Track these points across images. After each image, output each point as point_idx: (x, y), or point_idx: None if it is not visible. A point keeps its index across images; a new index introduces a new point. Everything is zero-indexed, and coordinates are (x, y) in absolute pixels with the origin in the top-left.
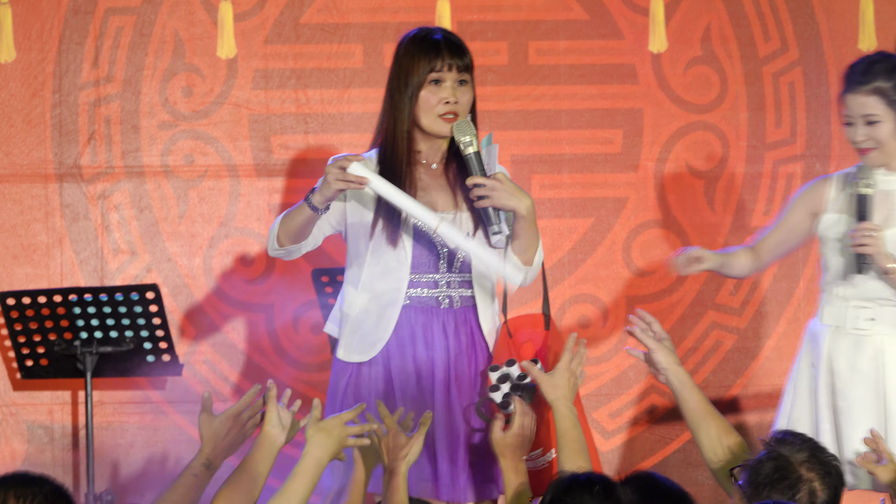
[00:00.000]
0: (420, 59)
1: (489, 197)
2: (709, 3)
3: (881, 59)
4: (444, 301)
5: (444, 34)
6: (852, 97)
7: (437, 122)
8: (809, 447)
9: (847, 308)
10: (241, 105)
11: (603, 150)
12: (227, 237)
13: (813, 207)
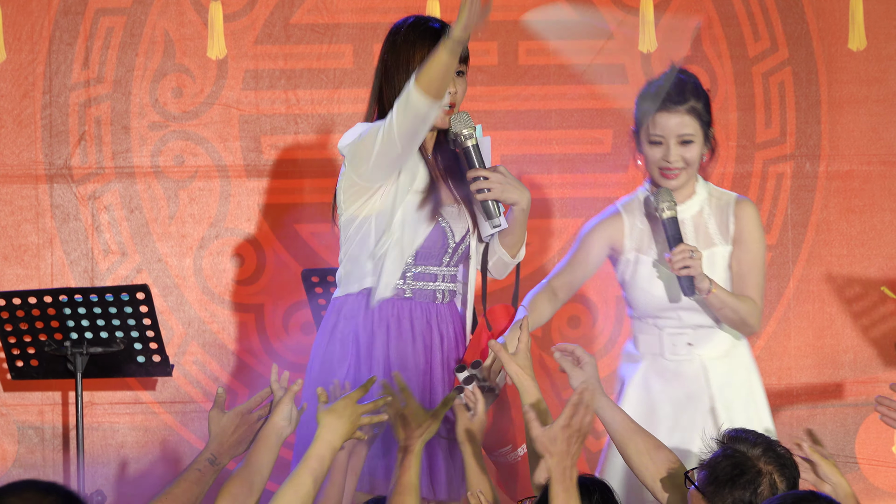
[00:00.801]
0: (423, 46)
1: (492, 190)
2: (698, 2)
3: (686, 77)
4: (440, 296)
5: (443, 24)
6: (667, 116)
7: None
8: (764, 441)
9: (662, 336)
10: (231, 105)
11: (592, 150)
12: (217, 238)
13: (610, 243)
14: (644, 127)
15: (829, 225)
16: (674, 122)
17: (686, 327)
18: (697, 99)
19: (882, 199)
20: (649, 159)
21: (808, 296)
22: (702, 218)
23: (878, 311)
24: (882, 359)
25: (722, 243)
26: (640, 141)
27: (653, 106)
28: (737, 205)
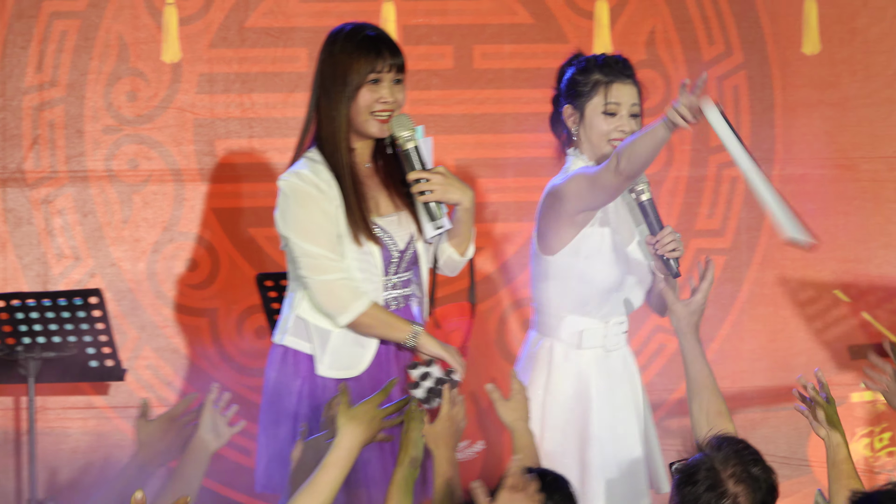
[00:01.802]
0: (359, 58)
1: (433, 191)
2: (653, 6)
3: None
4: (392, 304)
5: (378, 31)
6: (622, 87)
7: (371, 122)
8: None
9: (608, 326)
10: (185, 109)
11: (547, 154)
12: (171, 242)
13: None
14: (595, 97)
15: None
16: (629, 93)
17: (625, 314)
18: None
19: (835, 202)
20: (598, 131)
21: (762, 299)
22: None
23: (832, 314)
24: (835, 362)
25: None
26: (586, 113)
27: (608, 76)
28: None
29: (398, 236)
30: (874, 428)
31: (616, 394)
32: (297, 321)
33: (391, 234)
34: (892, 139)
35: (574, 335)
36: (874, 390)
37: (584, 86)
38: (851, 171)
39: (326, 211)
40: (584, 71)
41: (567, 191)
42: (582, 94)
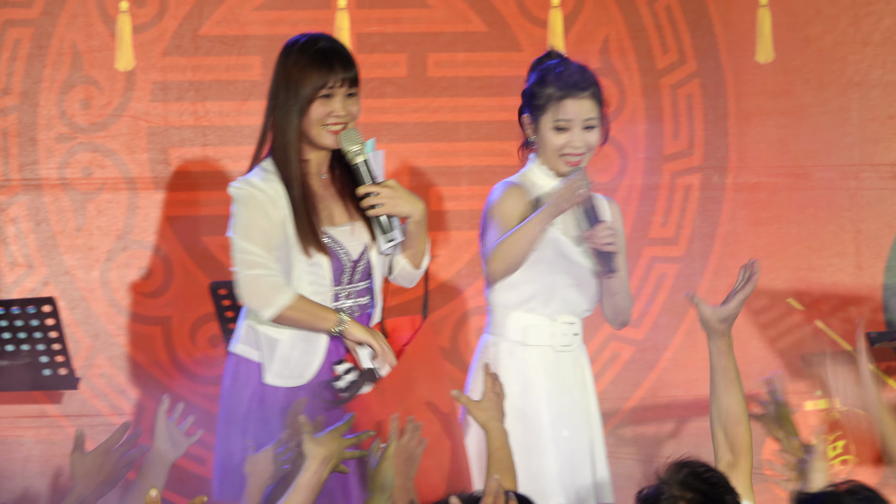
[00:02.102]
0: (311, 72)
1: (383, 205)
2: (607, 14)
3: (584, 65)
4: (346, 313)
5: (332, 44)
6: (575, 102)
7: (323, 134)
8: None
9: (555, 325)
10: (139, 117)
11: (501, 162)
12: (124, 250)
13: (523, 215)
14: (547, 113)
15: (737, 237)
16: (583, 108)
17: (576, 314)
18: (596, 84)
19: (789, 211)
20: (550, 145)
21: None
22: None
23: (785, 322)
24: (789, 370)
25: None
26: (540, 127)
27: (560, 91)
28: (609, 202)
29: (350, 246)
30: (828, 436)
31: (563, 395)
32: (248, 330)
33: (343, 243)
34: (846, 148)
35: (519, 332)
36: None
37: (539, 99)
38: (805, 179)
39: (270, 216)
40: (541, 82)
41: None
42: (537, 106)
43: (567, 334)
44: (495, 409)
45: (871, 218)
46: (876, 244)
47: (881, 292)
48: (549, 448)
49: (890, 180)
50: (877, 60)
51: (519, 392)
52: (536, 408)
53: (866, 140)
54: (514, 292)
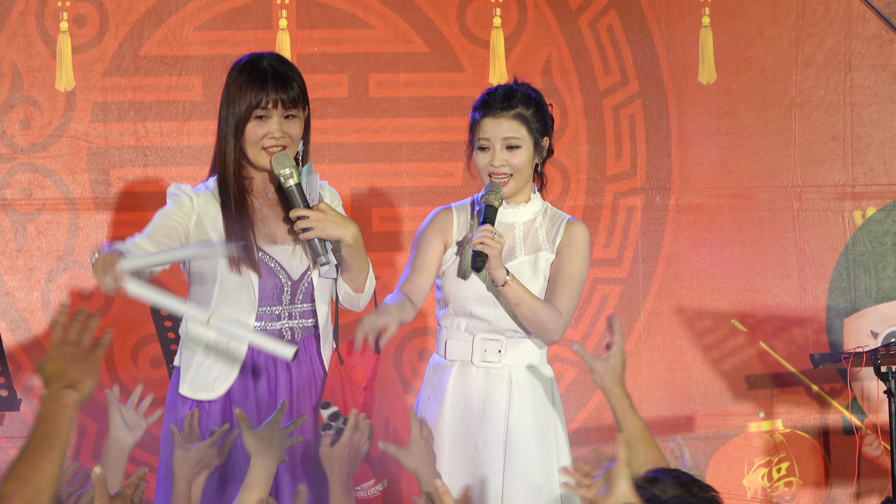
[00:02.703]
0: (246, 92)
1: (313, 228)
2: (549, 35)
3: (518, 87)
4: (287, 333)
5: (273, 64)
6: (493, 121)
7: (262, 156)
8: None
9: (474, 341)
10: (79, 138)
11: (443, 183)
12: (65, 271)
13: (443, 238)
14: (474, 134)
15: (680, 258)
16: (499, 128)
17: (499, 333)
18: (527, 106)
19: (732, 231)
20: (479, 165)
21: (659, 329)
22: (533, 226)
23: (729, 343)
24: (732, 392)
25: (547, 249)
26: (473, 149)
27: (480, 112)
28: (568, 223)
29: (291, 266)
30: (772, 458)
31: (474, 410)
32: (181, 342)
33: (283, 263)
34: (789, 169)
35: (442, 346)
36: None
37: (472, 124)
38: (748, 200)
39: (179, 216)
40: (474, 109)
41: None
42: (471, 131)
43: (489, 351)
44: (424, 454)
45: (814, 239)
46: (819, 265)
47: (825, 313)
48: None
49: (833, 201)
50: (819, 81)
51: (430, 403)
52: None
53: (809, 161)
54: (440, 310)
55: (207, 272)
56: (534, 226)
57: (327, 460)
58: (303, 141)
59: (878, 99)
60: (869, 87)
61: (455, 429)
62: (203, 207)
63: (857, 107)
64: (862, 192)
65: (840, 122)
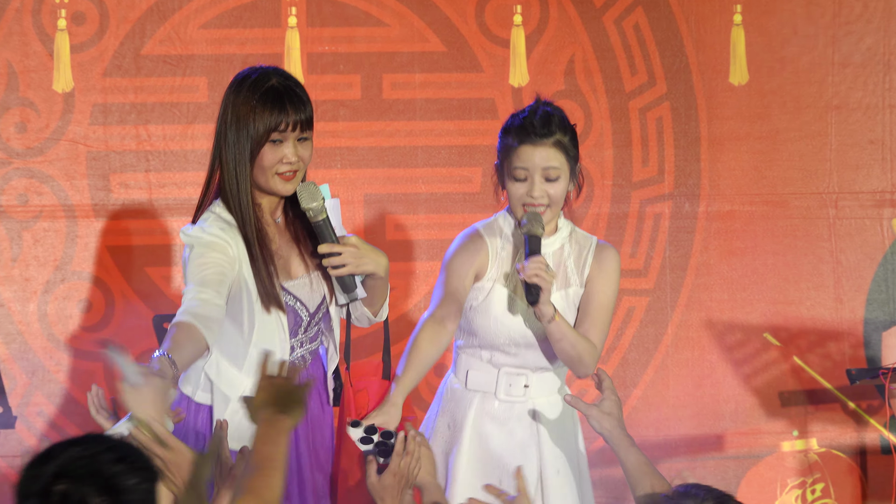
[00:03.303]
0: (261, 114)
1: (346, 265)
2: (573, 34)
3: (552, 110)
4: (300, 362)
5: (286, 81)
6: (531, 149)
7: (276, 181)
8: (714, 497)
9: (499, 374)
10: (78, 141)
11: (461, 189)
12: (63, 281)
13: (476, 268)
14: (507, 161)
15: (710, 268)
16: (539, 156)
17: (526, 368)
18: (564, 132)
19: (764, 240)
20: (513, 195)
21: (688, 342)
22: (562, 256)
23: (761, 358)
24: (764, 409)
25: (577, 284)
26: (503, 176)
27: (517, 139)
28: (597, 248)
29: (309, 300)
30: (806, 479)
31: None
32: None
33: (302, 298)
34: (824, 174)
35: (462, 373)
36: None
37: (503, 149)
38: (781, 207)
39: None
40: (505, 132)
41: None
42: (501, 156)
43: (515, 385)
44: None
45: (850, 248)
46: (856, 276)
47: (862, 327)
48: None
49: (871, 209)
50: (857, 82)
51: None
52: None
53: (846, 166)
54: (462, 336)
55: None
56: (562, 256)
57: (377, 491)
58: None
59: None
60: None
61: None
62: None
63: None
64: None
65: (879, 126)
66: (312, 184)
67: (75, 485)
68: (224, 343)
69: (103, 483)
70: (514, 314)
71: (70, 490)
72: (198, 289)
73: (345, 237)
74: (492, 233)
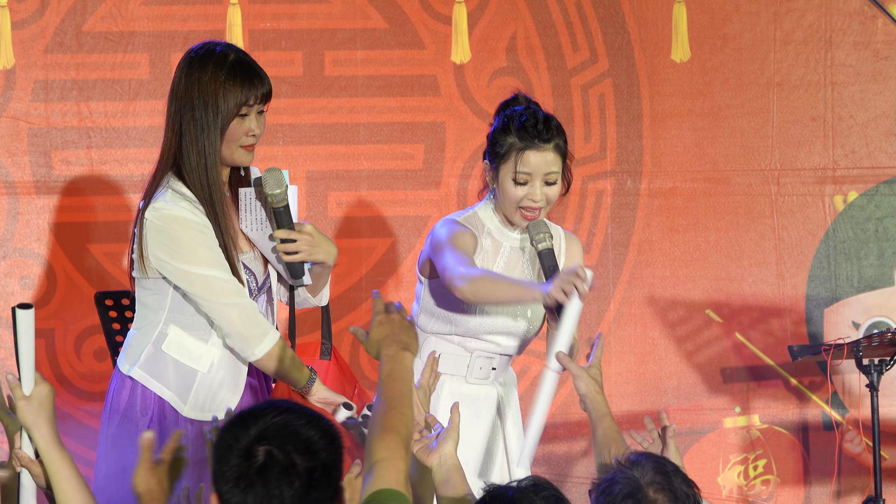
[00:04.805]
0: (231, 89)
1: (300, 252)
2: (514, 10)
3: (550, 115)
4: None
5: (245, 56)
6: (537, 154)
7: (240, 153)
8: (661, 470)
9: (471, 359)
10: (19, 118)
11: (403, 166)
12: (4, 259)
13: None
14: (507, 162)
15: (652, 245)
16: (543, 161)
17: (496, 353)
18: (561, 135)
19: (706, 217)
20: (509, 197)
21: (630, 319)
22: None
23: (703, 335)
24: (706, 385)
25: None
26: (499, 176)
27: (521, 142)
28: (566, 238)
29: (258, 272)
30: (748, 455)
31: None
32: (155, 356)
33: (253, 270)
34: (766, 151)
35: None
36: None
37: (500, 147)
38: (723, 184)
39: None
40: (503, 130)
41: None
42: (497, 154)
43: (483, 368)
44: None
45: (792, 225)
46: (798, 253)
47: (804, 303)
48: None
49: (812, 185)
50: (798, 59)
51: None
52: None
53: (788, 143)
54: (432, 321)
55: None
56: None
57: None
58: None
59: (859, 78)
60: (850, 66)
61: None
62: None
63: (838, 86)
64: (843, 176)
65: (820, 102)
66: (277, 170)
67: (278, 446)
68: (185, 319)
69: (303, 445)
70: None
71: (274, 450)
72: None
73: (301, 225)
74: (474, 226)
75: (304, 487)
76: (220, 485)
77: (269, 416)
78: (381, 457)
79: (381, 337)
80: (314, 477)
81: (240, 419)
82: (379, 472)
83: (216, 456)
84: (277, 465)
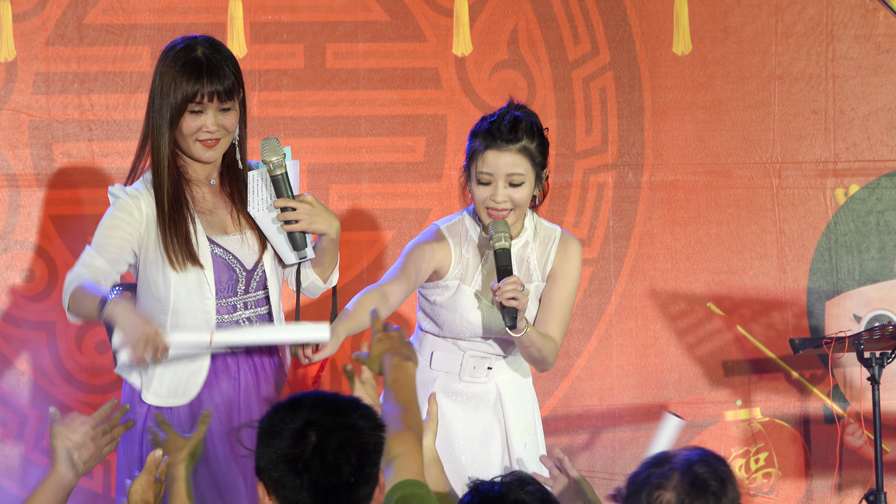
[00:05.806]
0: (179, 84)
1: (300, 221)
2: (516, 3)
3: (522, 115)
4: (245, 323)
5: (208, 53)
6: (496, 154)
7: (197, 148)
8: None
9: (464, 357)
10: (20, 111)
11: (404, 159)
12: (5, 251)
13: (436, 266)
14: (473, 164)
15: (653, 238)
16: (503, 162)
17: (490, 354)
18: (531, 138)
19: (708, 210)
20: (477, 198)
21: (631, 312)
22: (525, 252)
23: (704, 328)
24: (708, 378)
25: (539, 279)
26: (469, 178)
27: (483, 143)
28: (562, 239)
29: (243, 255)
30: (750, 448)
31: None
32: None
33: (235, 253)
34: (768, 144)
35: (427, 353)
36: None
37: (470, 151)
38: (725, 177)
39: (131, 224)
40: (474, 135)
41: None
42: (467, 156)
43: (478, 367)
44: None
45: (794, 218)
46: (799, 246)
47: (805, 296)
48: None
49: (814, 178)
50: (800, 52)
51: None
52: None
53: (789, 136)
54: (426, 320)
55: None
56: (526, 252)
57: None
58: (240, 125)
59: (861, 71)
60: (852, 59)
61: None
62: (149, 207)
63: (839, 79)
64: (844, 169)
65: (822, 96)
66: (275, 138)
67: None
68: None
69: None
70: (480, 313)
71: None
72: (94, 254)
73: (301, 195)
74: (455, 235)
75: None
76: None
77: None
78: (400, 451)
79: (382, 351)
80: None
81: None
82: (400, 465)
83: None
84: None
